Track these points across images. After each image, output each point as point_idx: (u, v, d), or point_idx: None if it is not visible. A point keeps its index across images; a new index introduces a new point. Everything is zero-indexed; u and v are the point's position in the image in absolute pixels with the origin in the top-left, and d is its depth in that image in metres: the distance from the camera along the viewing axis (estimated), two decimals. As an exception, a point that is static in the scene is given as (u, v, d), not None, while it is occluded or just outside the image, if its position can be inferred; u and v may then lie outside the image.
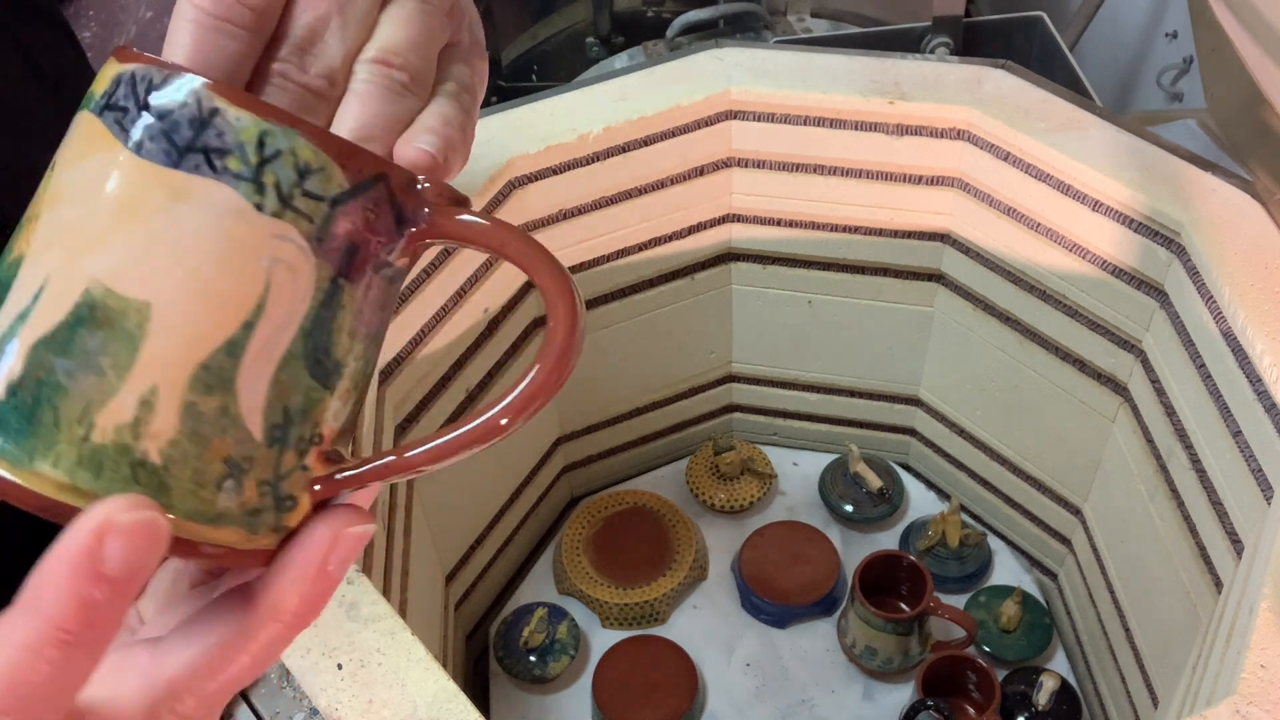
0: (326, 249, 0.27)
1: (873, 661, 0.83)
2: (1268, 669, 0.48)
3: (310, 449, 0.28)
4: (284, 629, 0.27)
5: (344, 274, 0.27)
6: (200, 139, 0.26)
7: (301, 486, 0.28)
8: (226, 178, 0.26)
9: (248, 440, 0.26)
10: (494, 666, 0.84)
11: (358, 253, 0.27)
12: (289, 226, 0.26)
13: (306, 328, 0.27)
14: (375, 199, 0.27)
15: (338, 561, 0.27)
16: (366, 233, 0.27)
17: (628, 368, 0.90)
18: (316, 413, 0.28)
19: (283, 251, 0.26)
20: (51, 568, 0.23)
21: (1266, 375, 0.58)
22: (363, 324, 0.28)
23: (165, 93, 0.26)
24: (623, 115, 0.75)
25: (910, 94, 0.75)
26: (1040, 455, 0.85)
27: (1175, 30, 1.22)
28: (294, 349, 0.27)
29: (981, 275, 0.80)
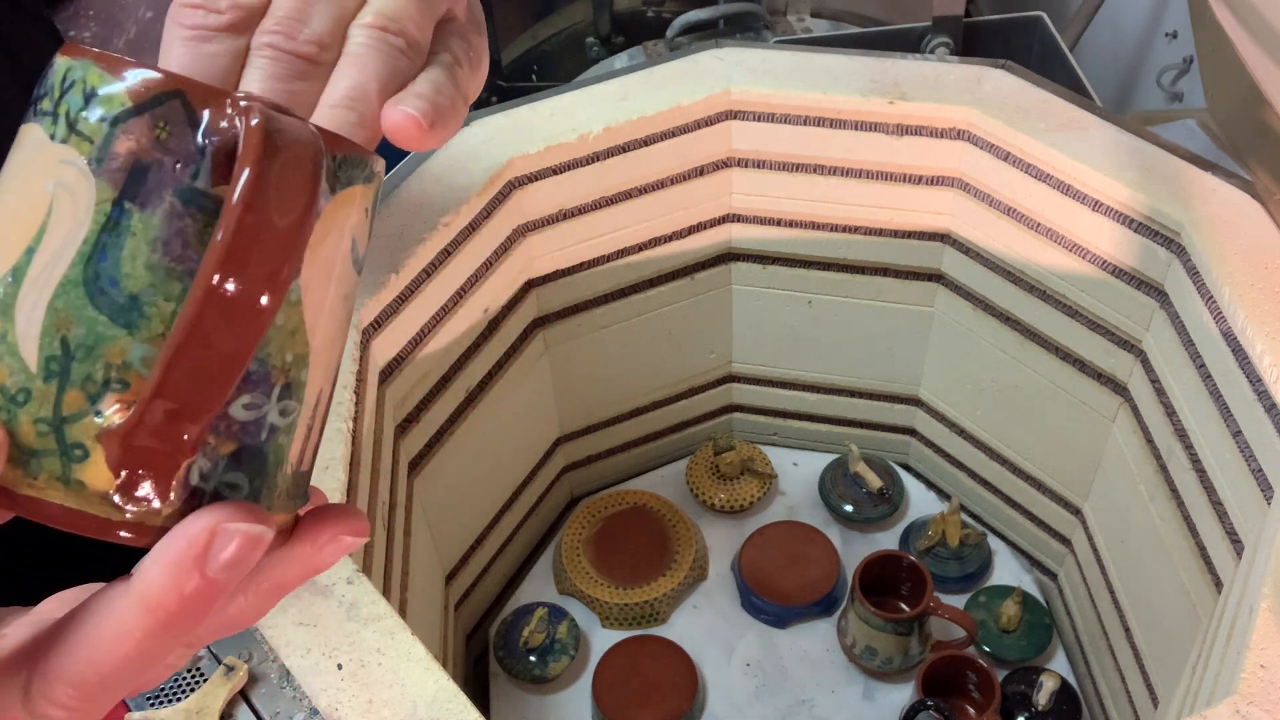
0: (108, 170, 0.25)
1: (873, 661, 0.83)
2: (1268, 669, 0.48)
3: (105, 394, 0.26)
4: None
5: (131, 197, 0.25)
6: (37, 91, 0.27)
7: (91, 435, 0.26)
8: (40, 118, 0.26)
9: (22, 370, 0.25)
10: (494, 666, 0.85)
11: (147, 174, 0.25)
12: (71, 150, 0.26)
13: (86, 253, 0.25)
14: (166, 116, 0.26)
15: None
16: (157, 152, 0.25)
17: (628, 368, 0.90)
18: (108, 352, 0.25)
19: (65, 175, 0.26)
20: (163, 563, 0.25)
21: (1266, 375, 0.58)
22: (171, 258, 0.26)
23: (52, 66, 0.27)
24: (623, 115, 0.75)
25: (910, 94, 0.75)
26: (1040, 455, 0.85)
27: (1175, 30, 1.22)
28: (72, 275, 0.25)
29: (981, 275, 0.80)
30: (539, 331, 0.83)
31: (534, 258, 0.79)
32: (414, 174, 0.71)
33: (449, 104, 0.31)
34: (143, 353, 0.26)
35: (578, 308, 0.84)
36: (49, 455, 0.26)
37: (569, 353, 0.86)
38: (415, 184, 0.71)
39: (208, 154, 0.26)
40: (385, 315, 0.66)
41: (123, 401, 0.26)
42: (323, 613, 0.52)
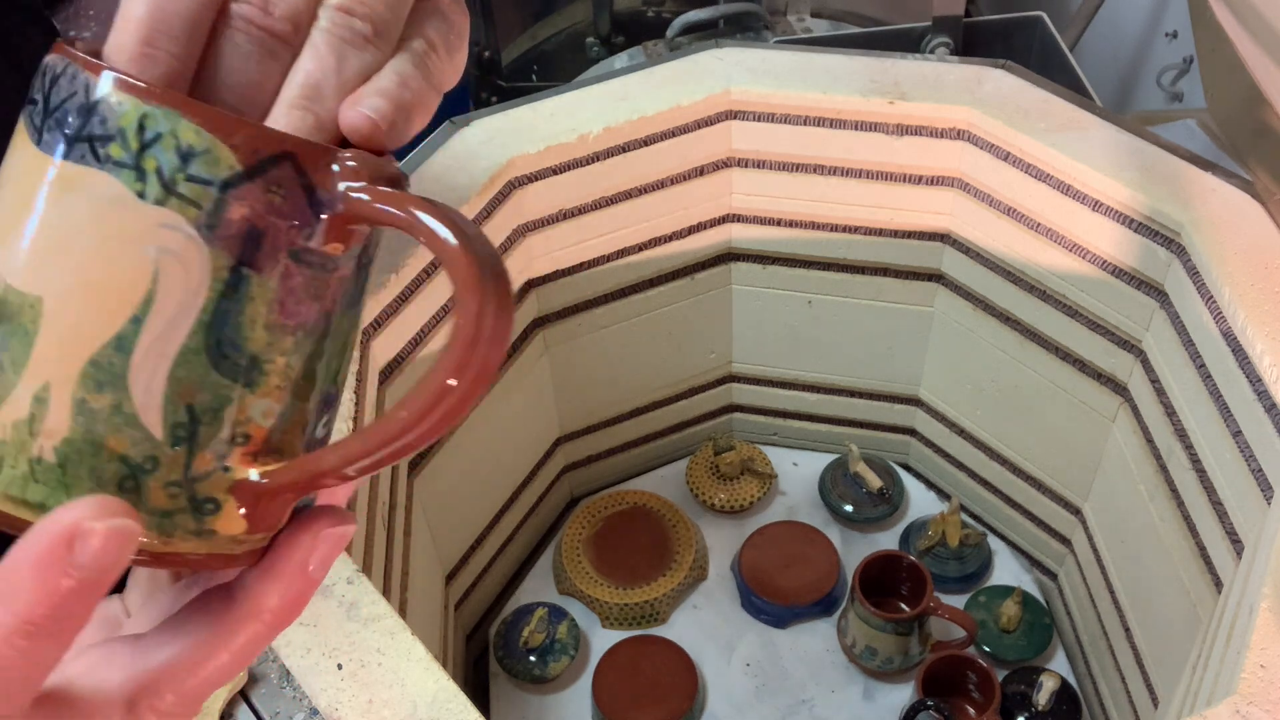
0: (222, 236, 0.25)
1: (873, 661, 0.83)
2: (1268, 669, 0.48)
3: (232, 450, 0.26)
4: (264, 629, 0.27)
5: (248, 262, 0.25)
6: (86, 127, 0.25)
7: (224, 489, 0.26)
8: (109, 166, 0.25)
9: (147, 440, 0.25)
10: (494, 666, 0.85)
11: (263, 239, 0.25)
12: (174, 214, 0.25)
13: (206, 321, 0.25)
14: (278, 180, 0.25)
15: (318, 562, 0.27)
16: (271, 217, 0.25)
17: (628, 368, 0.90)
18: (233, 411, 0.26)
19: (170, 241, 0.25)
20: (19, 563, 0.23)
21: (1266, 375, 0.58)
22: (286, 316, 0.26)
23: (63, 84, 0.25)
24: (623, 115, 0.75)
25: (910, 94, 0.75)
26: (1040, 455, 0.85)
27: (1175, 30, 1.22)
28: (192, 343, 0.25)
29: (981, 275, 0.80)
30: (539, 331, 0.83)
31: (534, 258, 0.79)
32: (414, 174, 0.71)
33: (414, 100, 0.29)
34: (263, 407, 0.26)
35: (578, 308, 0.84)
36: (182, 514, 0.26)
37: (569, 353, 0.86)
38: (415, 184, 0.71)
39: (322, 217, 0.26)
40: (385, 315, 0.66)
41: (248, 454, 0.26)
42: (323, 613, 0.52)
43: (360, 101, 0.28)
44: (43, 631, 0.24)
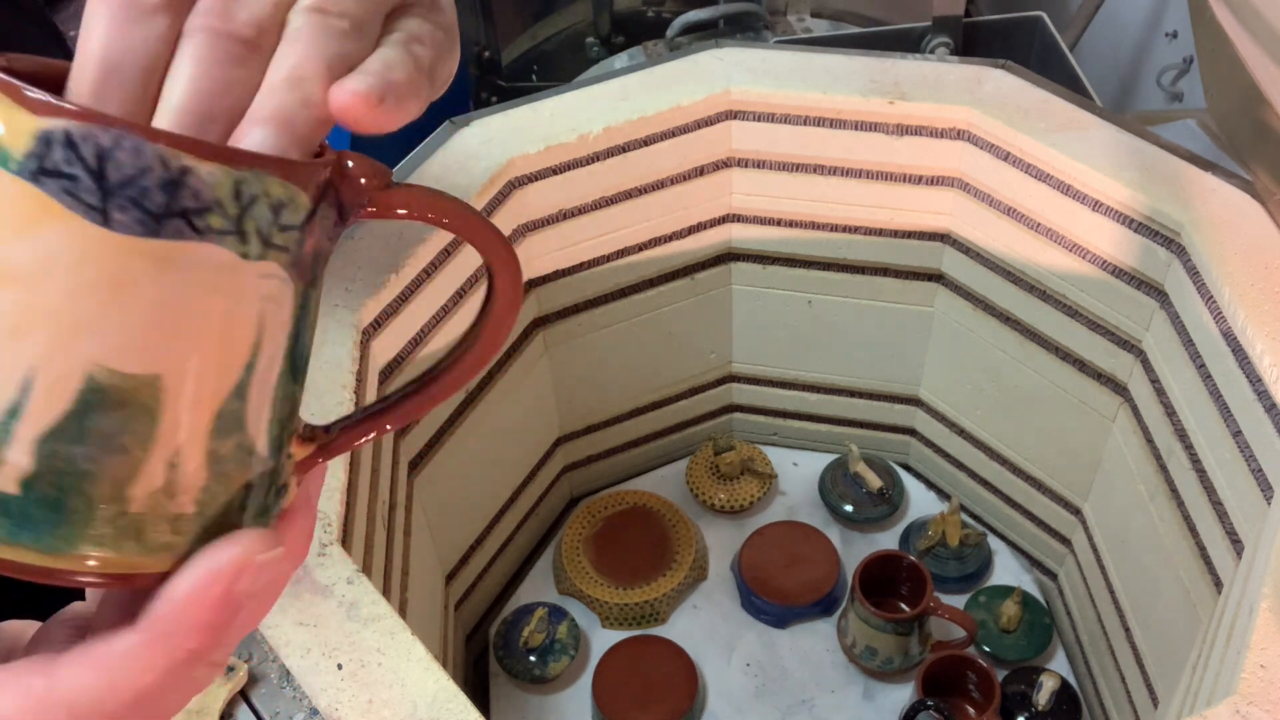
0: (300, 269, 0.27)
1: (873, 661, 0.83)
2: (1268, 669, 0.48)
3: (292, 438, 0.29)
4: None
5: (311, 283, 0.27)
6: (176, 202, 0.24)
7: (291, 473, 0.29)
8: (211, 236, 0.24)
9: (260, 461, 0.27)
10: (494, 666, 0.85)
11: (320, 258, 0.28)
12: (272, 265, 0.26)
13: (291, 345, 0.27)
14: (329, 205, 0.27)
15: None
16: (325, 239, 0.27)
17: (628, 368, 0.90)
18: (297, 408, 0.28)
19: (269, 289, 0.26)
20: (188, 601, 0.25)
21: (1266, 375, 0.58)
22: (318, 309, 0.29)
23: (123, 157, 0.24)
24: (623, 115, 0.75)
25: (910, 94, 0.75)
26: (1040, 455, 0.85)
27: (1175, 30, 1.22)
28: (284, 368, 0.27)
29: (981, 275, 0.80)
30: (539, 331, 0.83)
31: (534, 258, 0.79)
32: (414, 174, 0.71)
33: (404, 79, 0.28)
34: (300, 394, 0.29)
35: (578, 308, 0.84)
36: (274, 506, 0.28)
37: (569, 353, 0.86)
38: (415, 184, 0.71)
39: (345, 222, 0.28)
40: (385, 315, 0.66)
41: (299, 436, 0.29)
42: (323, 613, 0.52)
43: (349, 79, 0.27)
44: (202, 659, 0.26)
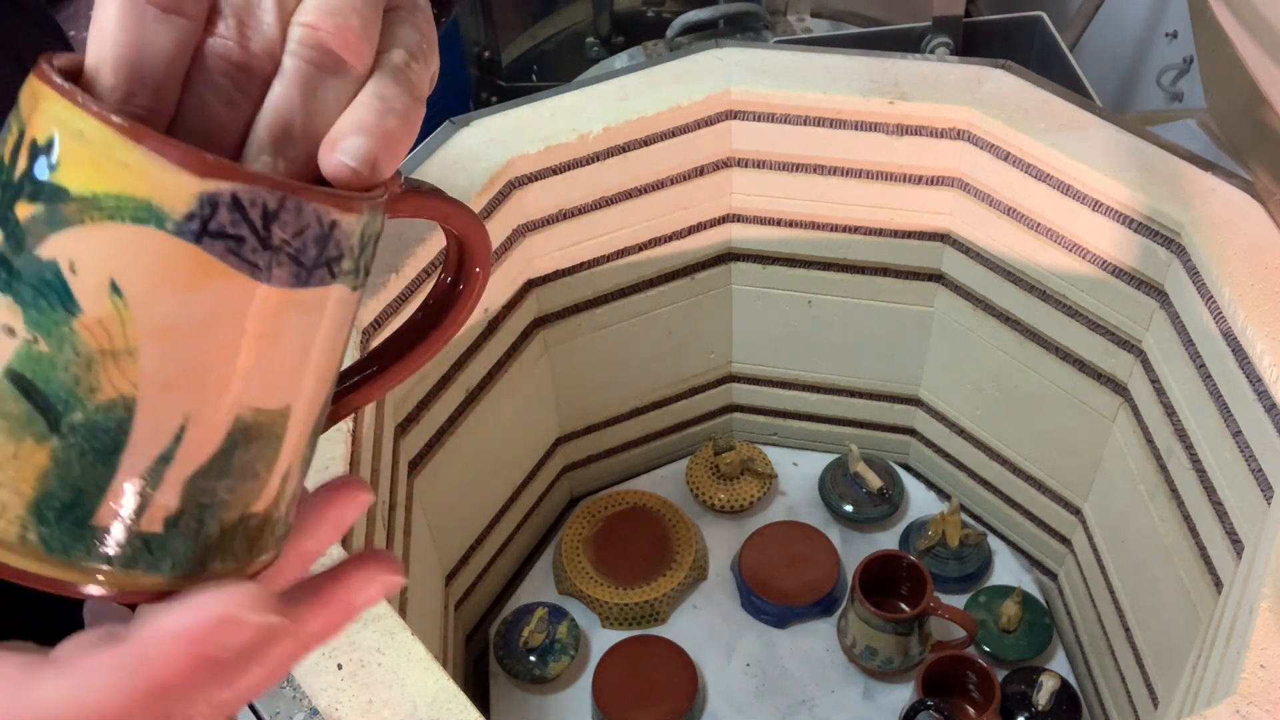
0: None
1: (873, 661, 0.83)
2: (1268, 669, 0.48)
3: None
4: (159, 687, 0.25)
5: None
6: (324, 254, 0.25)
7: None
8: (342, 277, 0.26)
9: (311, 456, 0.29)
10: (494, 666, 0.85)
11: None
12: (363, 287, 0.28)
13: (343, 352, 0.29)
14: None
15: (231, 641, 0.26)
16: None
17: (628, 368, 0.90)
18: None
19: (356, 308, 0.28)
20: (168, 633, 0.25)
21: (1266, 375, 0.58)
22: None
23: (287, 218, 0.25)
24: (623, 115, 0.75)
25: (910, 94, 0.75)
26: (1040, 455, 0.85)
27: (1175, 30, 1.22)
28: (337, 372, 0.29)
29: (981, 275, 0.80)
30: (539, 331, 0.83)
31: (534, 258, 0.79)
32: (414, 174, 0.71)
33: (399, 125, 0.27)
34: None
35: (578, 308, 0.84)
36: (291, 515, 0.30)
37: (569, 353, 0.86)
38: (415, 184, 0.71)
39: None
40: (385, 315, 0.66)
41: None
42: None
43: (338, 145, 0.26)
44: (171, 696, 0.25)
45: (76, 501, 0.25)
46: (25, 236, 0.24)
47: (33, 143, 0.24)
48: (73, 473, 0.25)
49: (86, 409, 0.24)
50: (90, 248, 0.24)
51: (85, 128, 0.23)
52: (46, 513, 0.25)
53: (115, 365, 0.24)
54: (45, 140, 0.24)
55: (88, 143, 0.24)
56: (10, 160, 0.24)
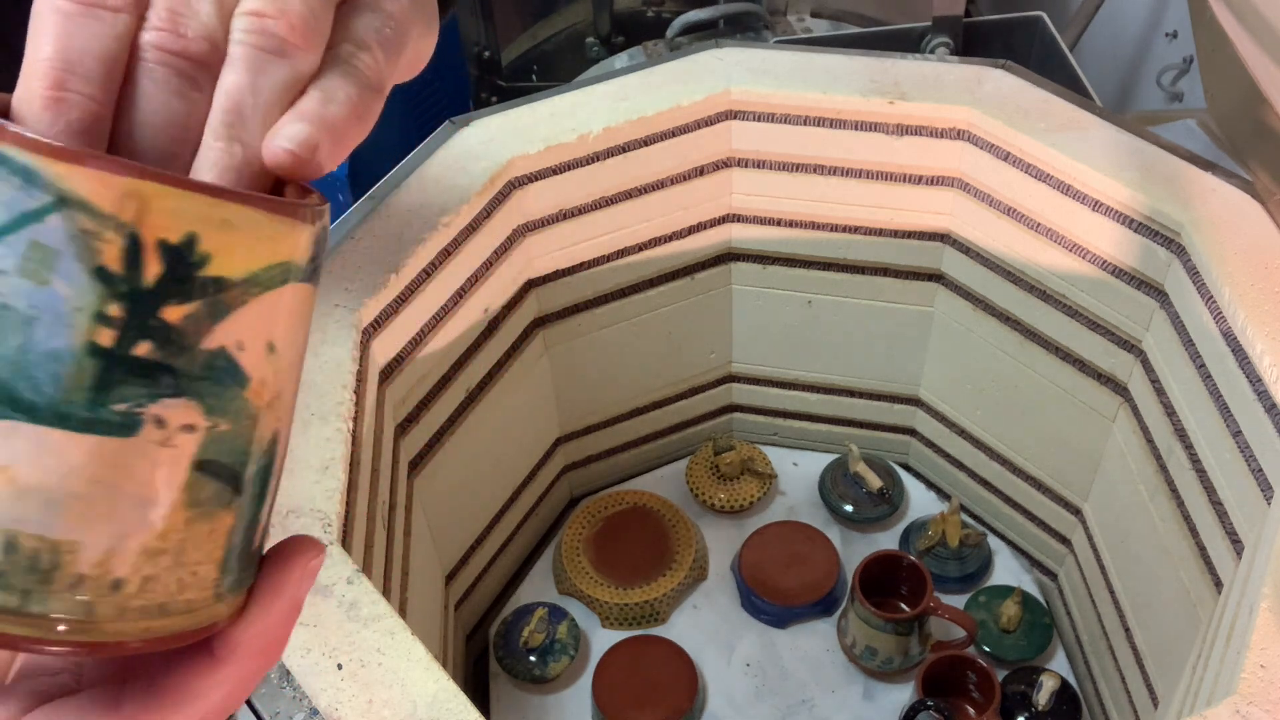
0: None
1: (873, 661, 0.83)
2: (1268, 669, 0.48)
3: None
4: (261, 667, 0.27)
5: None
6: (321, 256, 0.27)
7: None
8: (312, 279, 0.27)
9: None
10: (494, 666, 0.84)
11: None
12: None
13: None
14: None
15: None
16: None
17: (628, 368, 0.90)
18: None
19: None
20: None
21: (1266, 375, 0.58)
22: None
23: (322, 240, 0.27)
24: (623, 115, 0.75)
25: (910, 94, 0.75)
26: (1040, 455, 0.85)
27: (1175, 30, 1.22)
28: None
29: (981, 275, 0.80)
30: (539, 331, 0.83)
31: (534, 258, 0.79)
32: (414, 174, 0.71)
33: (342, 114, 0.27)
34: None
35: (578, 308, 0.84)
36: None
37: (569, 353, 0.86)
38: (415, 184, 0.71)
39: None
40: (385, 315, 0.66)
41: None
42: (323, 613, 0.52)
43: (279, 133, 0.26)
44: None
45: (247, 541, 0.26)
46: (185, 336, 0.24)
47: (162, 243, 0.23)
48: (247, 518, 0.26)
49: (258, 460, 0.26)
50: (252, 322, 0.24)
51: (231, 216, 0.24)
52: (231, 564, 0.26)
53: (272, 411, 0.26)
54: (182, 238, 0.23)
55: (236, 228, 0.24)
56: (126, 269, 0.23)
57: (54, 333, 0.22)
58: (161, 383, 0.23)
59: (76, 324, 0.22)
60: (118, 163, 0.23)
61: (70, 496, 0.23)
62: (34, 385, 0.22)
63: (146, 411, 0.23)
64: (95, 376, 0.23)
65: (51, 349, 0.22)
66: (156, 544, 0.24)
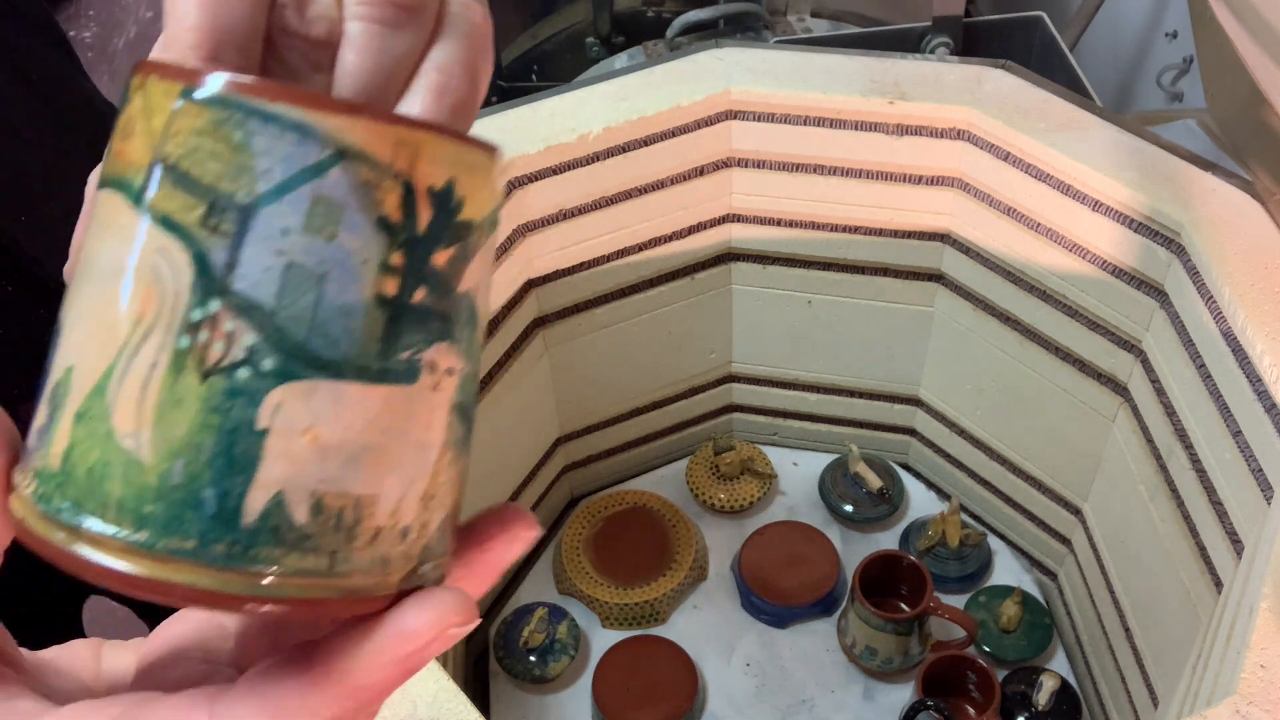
0: None
1: (873, 661, 0.83)
2: (1268, 669, 0.48)
3: None
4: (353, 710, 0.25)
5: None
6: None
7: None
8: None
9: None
10: (494, 666, 0.84)
11: None
12: None
13: None
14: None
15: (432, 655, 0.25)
16: None
17: (628, 368, 0.90)
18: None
19: None
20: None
21: (1266, 375, 0.58)
22: None
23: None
24: (623, 115, 0.75)
25: (910, 94, 0.75)
26: (1040, 455, 0.85)
27: (1175, 30, 1.22)
28: None
29: (981, 275, 0.80)
30: (539, 331, 0.83)
31: (534, 258, 0.79)
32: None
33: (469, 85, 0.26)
34: None
35: (578, 308, 0.84)
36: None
37: (569, 353, 0.86)
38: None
39: None
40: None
41: None
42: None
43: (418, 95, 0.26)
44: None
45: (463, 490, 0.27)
46: (449, 280, 0.24)
47: (430, 190, 0.24)
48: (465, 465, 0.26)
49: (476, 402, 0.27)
50: (482, 264, 0.25)
51: (476, 162, 0.24)
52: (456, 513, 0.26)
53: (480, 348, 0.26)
54: (444, 184, 0.24)
55: (477, 173, 0.24)
56: (404, 217, 0.23)
57: (344, 287, 0.23)
58: (433, 328, 0.24)
59: (365, 276, 0.23)
60: (389, 113, 0.23)
61: (367, 450, 0.23)
62: (330, 342, 0.23)
63: (424, 357, 0.24)
64: (384, 327, 0.23)
65: (343, 303, 0.23)
66: (430, 490, 0.25)
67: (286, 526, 0.23)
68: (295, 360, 0.22)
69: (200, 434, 0.22)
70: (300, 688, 0.24)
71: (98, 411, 0.22)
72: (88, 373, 0.23)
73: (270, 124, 0.22)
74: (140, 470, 0.22)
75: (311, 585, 0.23)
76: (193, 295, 0.22)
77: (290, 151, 0.22)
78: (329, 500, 0.23)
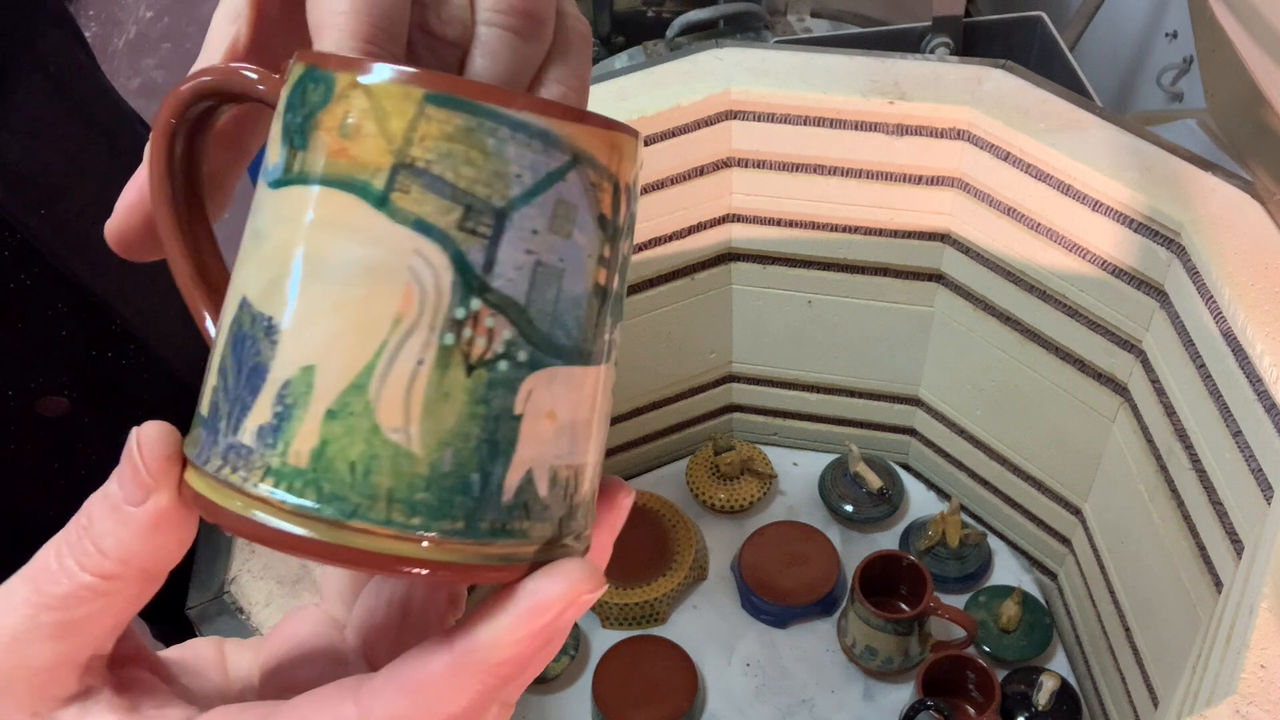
0: None
1: (873, 661, 0.83)
2: (1268, 669, 0.48)
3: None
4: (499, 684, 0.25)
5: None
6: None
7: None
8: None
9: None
10: (494, 666, 0.84)
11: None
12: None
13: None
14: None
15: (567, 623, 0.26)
16: None
17: (628, 368, 0.90)
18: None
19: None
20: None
21: (1266, 375, 0.58)
22: None
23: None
24: (623, 115, 0.75)
25: (910, 94, 0.75)
26: (1040, 455, 0.85)
27: (1175, 30, 1.22)
28: None
29: (981, 275, 0.80)
30: (539, 331, 0.83)
31: (534, 258, 0.79)
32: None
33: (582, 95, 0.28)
34: None
35: (578, 308, 0.84)
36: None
37: (569, 353, 0.86)
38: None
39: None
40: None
41: None
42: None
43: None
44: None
45: None
46: (625, 266, 0.27)
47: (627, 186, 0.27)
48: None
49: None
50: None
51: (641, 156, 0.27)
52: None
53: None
54: (632, 180, 0.27)
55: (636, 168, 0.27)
56: (614, 213, 0.26)
57: (576, 280, 0.25)
58: (619, 310, 0.27)
59: (589, 269, 0.25)
60: (606, 119, 0.25)
61: (583, 424, 0.26)
62: (566, 331, 0.25)
63: (612, 338, 0.27)
64: (599, 313, 0.26)
65: (575, 295, 0.25)
66: (600, 458, 0.27)
67: (534, 500, 0.25)
68: (542, 350, 0.25)
69: (468, 424, 0.24)
70: (441, 669, 0.25)
71: (358, 408, 0.24)
72: (338, 371, 0.24)
73: (519, 131, 0.24)
74: (411, 461, 0.24)
75: (548, 550, 0.26)
76: (454, 294, 0.24)
77: (537, 158, 0.24)
78: (560, 473, 0.25)
